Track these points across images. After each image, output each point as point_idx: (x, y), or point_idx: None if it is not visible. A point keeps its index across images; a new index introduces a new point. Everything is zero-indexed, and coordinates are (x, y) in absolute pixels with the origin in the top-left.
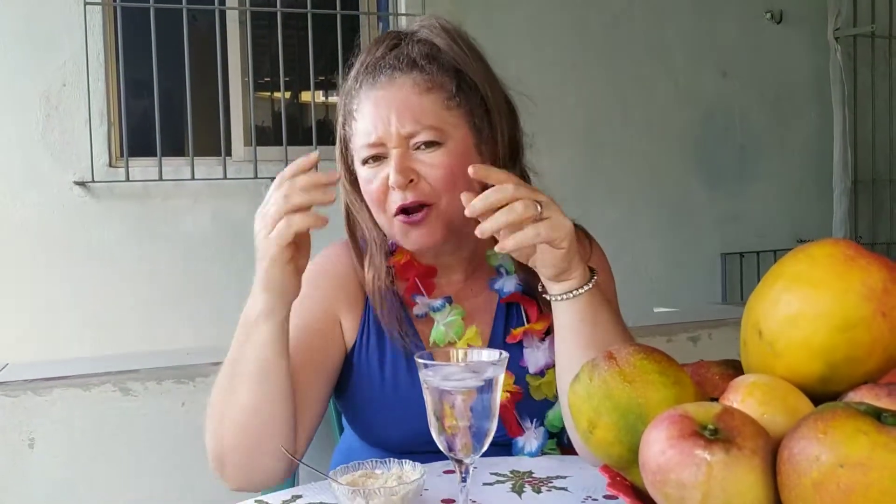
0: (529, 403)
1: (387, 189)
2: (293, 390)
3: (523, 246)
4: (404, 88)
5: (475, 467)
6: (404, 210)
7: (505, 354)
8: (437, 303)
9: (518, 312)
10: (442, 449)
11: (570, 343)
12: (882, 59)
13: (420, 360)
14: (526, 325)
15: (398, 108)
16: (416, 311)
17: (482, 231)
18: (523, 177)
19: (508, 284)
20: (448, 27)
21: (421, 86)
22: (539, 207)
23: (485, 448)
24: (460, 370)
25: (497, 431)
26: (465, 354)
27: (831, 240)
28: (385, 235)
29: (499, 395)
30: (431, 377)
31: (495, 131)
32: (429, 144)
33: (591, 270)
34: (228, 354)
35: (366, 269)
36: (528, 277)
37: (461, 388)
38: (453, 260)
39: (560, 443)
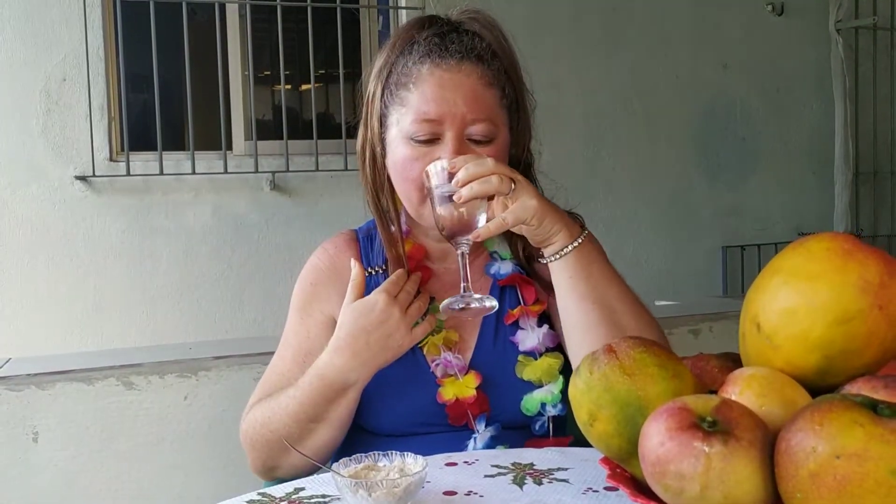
0: (503, 389)
1: None
2: None
3: (493, 234)
4: (472, 77)
5: None
6: None
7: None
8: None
9: (514, 296)
10: (436, 227)
11: (568, 299)
12: (884, 51)
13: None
14: (522, 306)
15: (465, 93)
16: None
17: (459, 197)
18: (535, 184)
19: (504, 268)
20: (496, 25)
21: (486, 79)
22: (513, 185)
23: (481, 229)
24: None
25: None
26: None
27: (829, 234)
28: (398, 221)
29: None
30: (433, 177)
31: (521, 136)
32: (483, 136)
33: (583, 228)
34: (299, 397)
35: (385, 239)
36: (526, 262)
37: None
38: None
39: (532, 432)
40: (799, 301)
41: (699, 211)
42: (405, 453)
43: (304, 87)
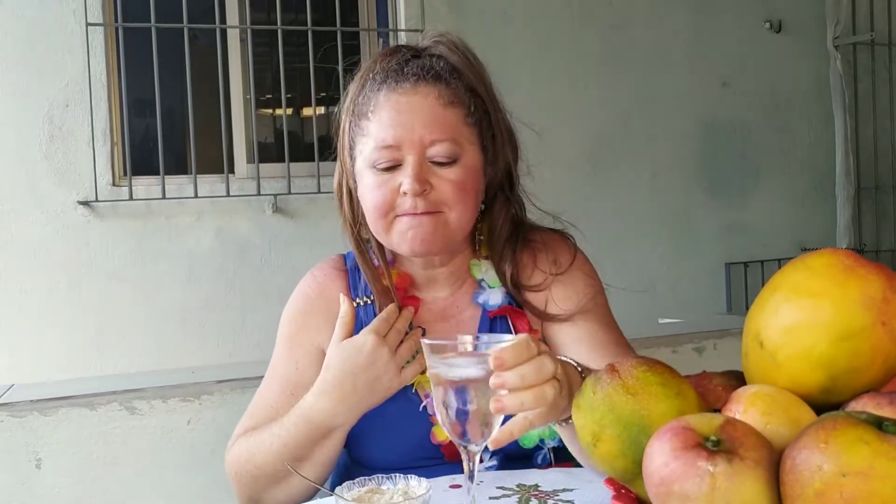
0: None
1: (395, 196)
2: None
3: (514, 439)
4: (429, 98)
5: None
6: (410, 214)
7: (514, 338)
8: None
9: (506, 327)
10: (449, 435)
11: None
12: (882, 66)
13: (426, 342)
14: None
15: (423, 115)
16: None
17: (500, 408)
18: (519, 205)
19: (493, 297)
20: (461, 45)
21: (445, 98)
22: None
23: (493, 434)
24: (467, 357)
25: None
26: (476, 339)
27: (829, 249)
28: (381, 249)
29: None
30: (437, 364)
31: (497, 156)
32: (445, 158)
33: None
34: (284, 437)
35: (366, 270)
36: (515, 290)
37: (467, 377)
38: (439, 275)
39: (534, 464)
40: (801, 318)
41: (701, 228)
42: (409, 476)
43: (305, 109)
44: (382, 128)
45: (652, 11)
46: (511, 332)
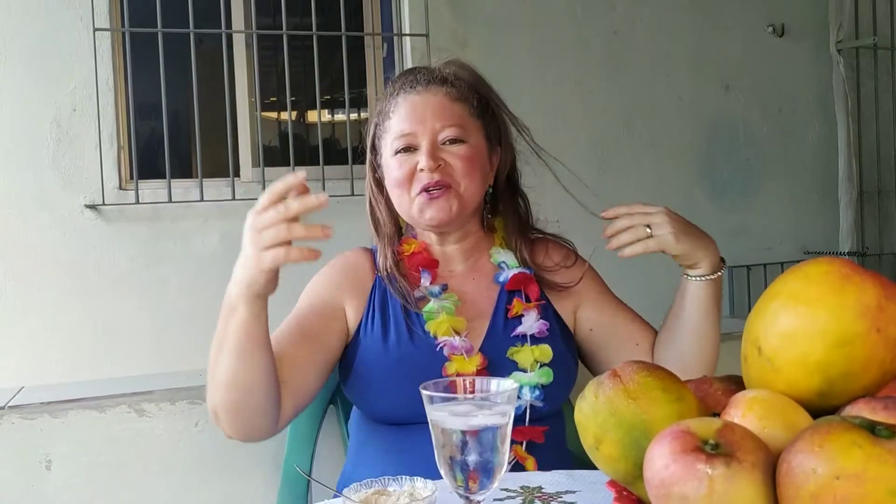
0: (498, 372)
1: (414, 173)
2: (284, 359)
3: (636, 255)
4: (438, 95)
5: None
6: (426, 189)
7: (515, 385)
8: (435, 289)
9: (521, 298)
10: (449, 484)
11: (697, 313)
12: (885, 70)
13: (426, 393)
14: (525, 303)
15: (433, 108)
16: (417, 293)
17: (612, 246)
18: (523, 199)
19: (512, 273)
20: (469, 66)
21: (452, 95)
22: (648, 230)
23: (494, 484)
24: (468, 405)
25: None
26: (473, 383)
27: (827, 258)
28: (396, 228)
29: (509, 429)
30: (436, 412)
31: (504, 151)
32: (454, 140)
33: (722, 261)
34: (217, 327)
35: (378, 254)
36: (533, 267)
37: (468, 426)
38: (457, 251)
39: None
40: (798, 324)
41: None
42: (415, 478)
43: (310, 113)
44: (400, 121)
45: (655, 16)
46: (524, 300)
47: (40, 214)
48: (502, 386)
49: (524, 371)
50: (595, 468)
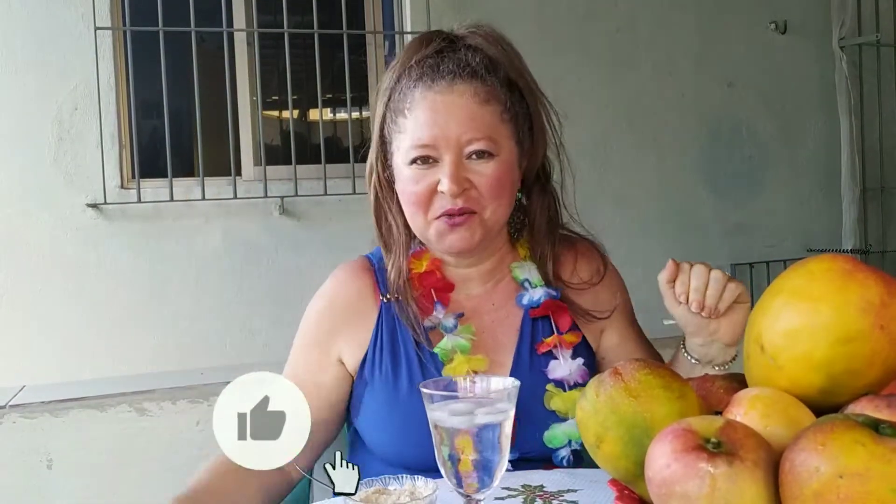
0: (529, 418)
1: (433, 192)
2: None
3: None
4: (465, 96)
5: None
6: (448, 213)
7: (516, 383)
8: (449, 322)
9: (548, 326)
10: (449, 483)
11: None
12: (887, 67)
13: (425, 391)
14: (556, 336)
15: (458, 115)
16: (427, 323)
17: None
18: (553, 196)
19: (536, 295)
20: (498, 37)
21: (481, 95)
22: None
23: (495, 483)
24: (467, 403)
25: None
26: (473, 383)
27: (829, 255)
28: (408, 237)
29: (510, 427)
30: (436, 410)
31: (534, 147)
32: (481, 154)
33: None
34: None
35: (389, 267)
36: (557, 285)
37: (468, 425)
38: (475, 273)
39: (554, 463)
40: (801, 322)
41: (708, 229)
42: (415, 476)
43: (311, 112)
44: (419, 126)
45: (658, 13)
46: (554, 330)
47: (42, 213)
48: (503, 384)
49: (564, 419)
50: (597, 467)
